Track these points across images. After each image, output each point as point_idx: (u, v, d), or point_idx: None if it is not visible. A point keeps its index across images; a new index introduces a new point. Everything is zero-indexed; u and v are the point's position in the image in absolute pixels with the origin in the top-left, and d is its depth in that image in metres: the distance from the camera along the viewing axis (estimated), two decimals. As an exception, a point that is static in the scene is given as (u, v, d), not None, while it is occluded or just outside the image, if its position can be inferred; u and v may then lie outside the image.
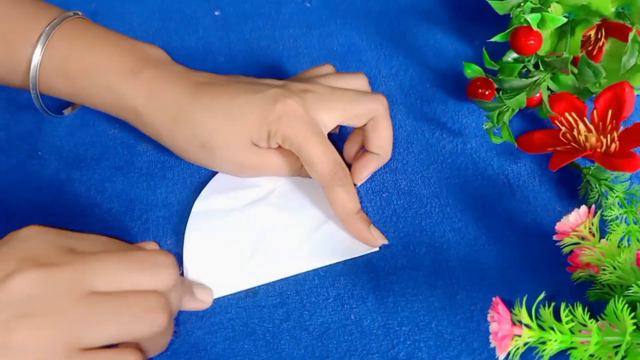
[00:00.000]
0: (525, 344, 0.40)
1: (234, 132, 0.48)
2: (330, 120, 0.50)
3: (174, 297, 0.41)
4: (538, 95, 0.55)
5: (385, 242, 0.51)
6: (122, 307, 0.36)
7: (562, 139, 0.53)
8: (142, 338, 0.39)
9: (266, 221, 0.52)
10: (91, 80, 0.49)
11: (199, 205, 0.52)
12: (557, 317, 0.41)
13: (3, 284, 0.34)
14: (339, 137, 0.57)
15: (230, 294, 0.49)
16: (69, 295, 0.35)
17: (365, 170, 0.53)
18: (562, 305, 0.40)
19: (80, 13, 0.52)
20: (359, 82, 0.53)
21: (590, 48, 0.56)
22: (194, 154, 0.50)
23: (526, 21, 0.52)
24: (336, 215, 0.51)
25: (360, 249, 0.51)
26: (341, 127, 0.57)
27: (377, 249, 0.51)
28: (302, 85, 0.50)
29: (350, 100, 0.50)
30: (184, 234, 0.51)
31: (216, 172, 0.54)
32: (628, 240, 0.47)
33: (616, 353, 0.40)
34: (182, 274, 0.50)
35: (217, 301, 0.49)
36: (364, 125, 0.52)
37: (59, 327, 0.35)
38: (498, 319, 0.40)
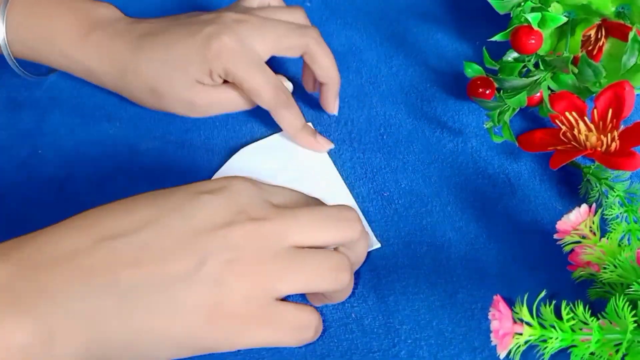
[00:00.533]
0: (526, 342, 0.40)
1: (177, 76, 0.52)
2: (264, 50, 0.52)
3: (359, 248, 0.44)
4: (538, 94, 0.55)
5: (331, 146, 0.56)
6: (312, 263, 0.40)
7: (563, 138, 0.53)
8: (324, 292, 0.44)
9: None
10: (49, 49, 0.53)
11: None
12: (558, 315, 0.41)
13: (223, 231, 0.39)
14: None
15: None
16: (272, 247, 0.40)
17: (328, 100, 0.57)
18: (563, 303, 0.40)
19: None
20: (296, 15, 0.56)
21: (590, 48, 0.56)
22: (147, 100, 0.54)
23: (526, 20, 0.52)
24: (286, 132, 0.55)
25: None
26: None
27: (379, 245, 0.51)
28: (236, 15, 0.53)
29: (283, 32, 0.53)
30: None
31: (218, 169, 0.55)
32: (629, 239, 0.47)
33: (617, 351, 0.40)
34: None
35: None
36: (304, 58, 0.54)
37: (261, 275, 0.39)
38: (499, 317, 0.40)
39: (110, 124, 0.57)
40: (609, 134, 0.51)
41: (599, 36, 0.55)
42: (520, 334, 0.40)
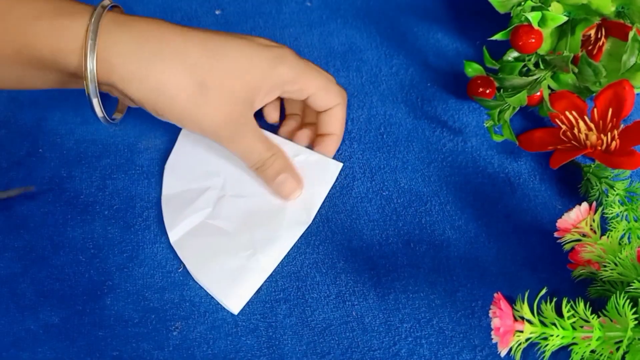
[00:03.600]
0: (527, 340, 0.40)
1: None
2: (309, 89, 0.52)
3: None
4: (539, 94, 0.55)
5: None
6: None
7: (563, 137, 0.53)
8: None
9: (242, 213, 0.53)
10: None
11: (173, 235, 0.52)
12: (559, 313, 0.41)
13: None
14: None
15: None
16: None
17: (329, 150, 0.55)
18: (564, 301, 0.40)
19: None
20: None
21: (590, 47, 0.56)
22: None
23: (527, 20, 0.52)
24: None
25: (326, 182, 0.54)
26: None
27: (341, 164, 0.54)
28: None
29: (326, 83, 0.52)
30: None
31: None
32: (629, 237, 0.47)
33: (617, 349, 0.40)
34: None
35: (218, 298, 0.49)
36: (321, 113, 0.54)
37: None
38: (500, 315, 0.40)
39: (111, 122, 0.57)
40: (609, 133, 0.51)
41: (599, 36, 0.56)
42: (521, 332, 0.40)
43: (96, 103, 0.47)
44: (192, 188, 0.54)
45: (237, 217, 0.52)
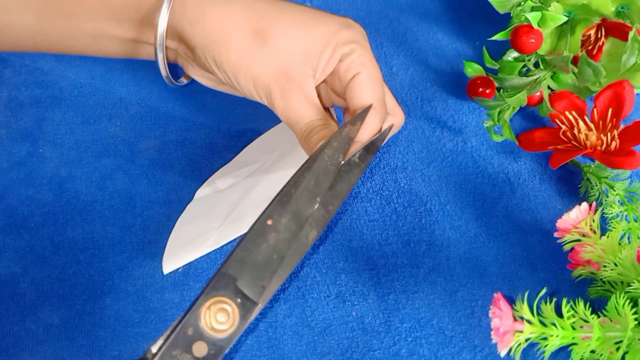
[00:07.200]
0: (526, 340, 0.40)
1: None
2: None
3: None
4: (538, 94, 0.55)
5: None
6: None
7: (563, 137, 0.53)
8: None
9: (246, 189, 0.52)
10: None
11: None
12: (559, 313, 0.41)
13: None
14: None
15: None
16: None
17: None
18: (564, 301, 0.40)
19: None
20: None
21: (590, 47, 0.56)
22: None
23: (527, 20, 0.52)
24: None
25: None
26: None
27: None
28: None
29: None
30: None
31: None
32: (629, 237, 0.47)
33: (617, 349, 0.40)
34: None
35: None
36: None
37: None
38: (500, 315, 0.40)
39: (111, 122, 0.57)
40: (609, 133, 0.51)
41: (599, 36, 0.56)
42: (521, 332, 0.40)
43: (161, 59, 0.48)
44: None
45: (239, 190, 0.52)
